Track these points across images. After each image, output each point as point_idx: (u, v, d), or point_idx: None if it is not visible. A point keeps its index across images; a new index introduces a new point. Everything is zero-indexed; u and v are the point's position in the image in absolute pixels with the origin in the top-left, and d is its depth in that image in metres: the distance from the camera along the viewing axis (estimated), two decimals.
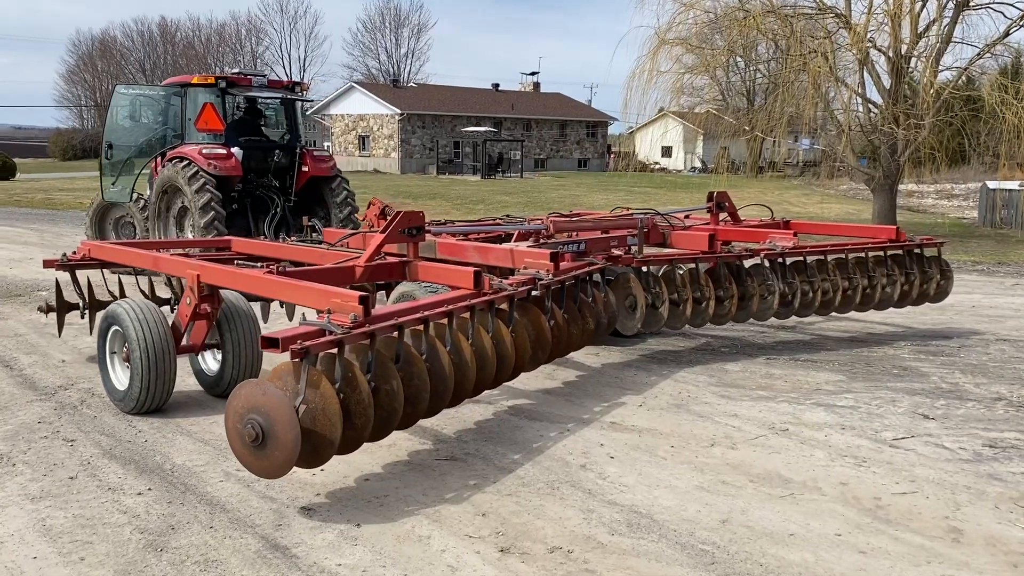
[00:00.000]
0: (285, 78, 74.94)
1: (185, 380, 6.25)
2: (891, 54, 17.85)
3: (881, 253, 7.82)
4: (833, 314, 8.12)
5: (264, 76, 11.01)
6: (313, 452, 3.87)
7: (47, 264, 6.79)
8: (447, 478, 4.51)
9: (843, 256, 7.63)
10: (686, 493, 4.35)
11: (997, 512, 4.16)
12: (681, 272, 6.91)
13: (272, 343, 3.84)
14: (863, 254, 7.75)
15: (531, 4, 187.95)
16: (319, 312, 4.42)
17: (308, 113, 67.87)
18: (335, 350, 3.95)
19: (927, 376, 6.71)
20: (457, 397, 4.74)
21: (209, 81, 10.47)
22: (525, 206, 25.51)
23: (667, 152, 64.27)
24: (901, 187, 27.99)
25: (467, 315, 4.84)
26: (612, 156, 64.38)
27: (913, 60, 18.12)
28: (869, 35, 17.68)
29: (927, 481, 4.54)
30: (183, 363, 6.28)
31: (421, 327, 4.49)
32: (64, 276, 6.92)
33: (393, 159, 53.26)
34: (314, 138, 79.47)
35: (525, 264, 5.91)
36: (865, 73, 18.38)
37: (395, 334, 4.30)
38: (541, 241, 6.63)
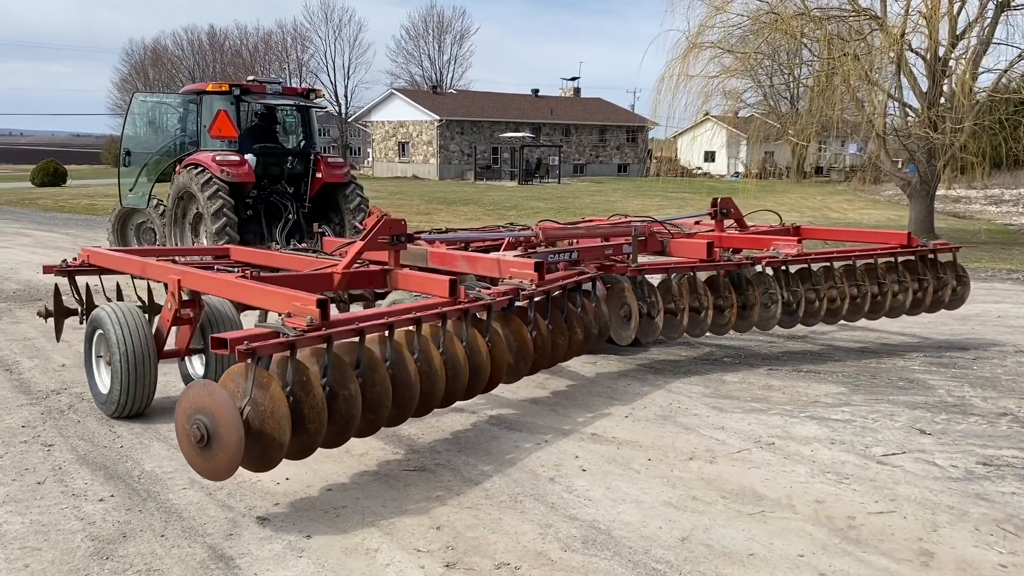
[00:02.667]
0: (330, 85, 75.72)
1: (177, 384, 6.31)
2: (928, 57, 17.40)
3: (892, 259, 7.59)
4: (844, 323, 7.89)
5: (279, 83, 11.11)
6: (262, 455, 3.83)
7: (47, 270, 6.90)
8: (411, 489, 4.45)
9: (851, 263, 7.41)
10: (651, 509, 4.23)
11: (976, 534, 3.97)
12: (678, 281, 6.77)
13: (221, 344, 3.82)
14: (872, 260, 7.53)
15: (575, 9, 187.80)
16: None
17: (350, 120, 68.61)
18: (288, 352, 3.92)
19: (933, 389, 6.47)
20: (425, 406, 4.67)
21: (224, 89, 10.60)
22: (558, 212, 25.40)
23: (710, 157, 63.74)
24: (949, 192, 27.26)
25: (438, 323, 4.78)
26: (653, 161, 64.01)
27: (952, 62, 17.64)
28: (905, 37, 17.25)
29: (908, 500, 4.36)
30: (173, 368, 6.35)
31: (385, 332, 4.44)
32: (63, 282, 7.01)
33: (432, 165, 53.55)
34: (357, 144, 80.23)
35: (510, 274, 5.83)
36: (901, 77, 17.95)
37: (355, 339, 4.26)
38: (531, 251, 6.55)
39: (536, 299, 5.53)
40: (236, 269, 5.47)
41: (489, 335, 5.04)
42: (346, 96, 75.86)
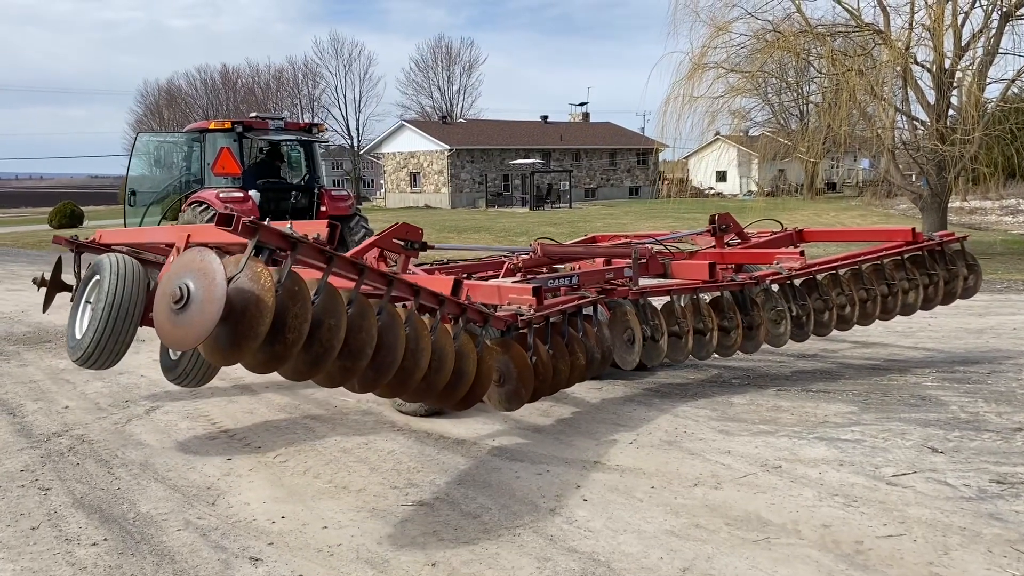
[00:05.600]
0: (341, 119, 76.36)
1: (179, 423, 6.28)
2: (934, 69, 17.32)
3: (898, 257, 7.48)
4: (857, 335, 7.76)
5: (281, 119, 11.21)
6: (231, 343, 3.67)
7: (56, 240, 6.90)
8: (407, 525, 4.37)
9: (857, 267, 7.32)
10: (653, 538, 4.13)
11: (989, 557, 3.84)
12: (681, 303, 6.69)
13: (226, 220, 3.71)
14: (879, 262, 7.42)
15: (582, 35, 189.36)
16: None
17: (361, 153, 69.14)
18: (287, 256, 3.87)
19: (946, 405, 6.32)
20: (400, 383, 4.48)
21: (226, 126, 10.70)
22: (569, 236, 25.26)
23: (721, 176, 63.65)
24: (964, 204, 27.02)
25: (434, 303, 4.71)
26: (664, 183, 63.95)
27: (958, 74, 17.55)
28: (910, 51, 17.19)
29: (918, 522, 4.23)
30: (176, 407, 6.31)
31: (385, 285, 4.37)
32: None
33: (443, 194, 53.80)
34: (370, 176, 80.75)
35: (509, 300, 5.77)
36: (908, 90, 17.88)
37: (354, 277, 4.20)
38: (531, 276, 6.49)
39: (535, 324, 5.47)
40: None
41: (480, 346, 4.95)
42: (358, 129, 76.60)
